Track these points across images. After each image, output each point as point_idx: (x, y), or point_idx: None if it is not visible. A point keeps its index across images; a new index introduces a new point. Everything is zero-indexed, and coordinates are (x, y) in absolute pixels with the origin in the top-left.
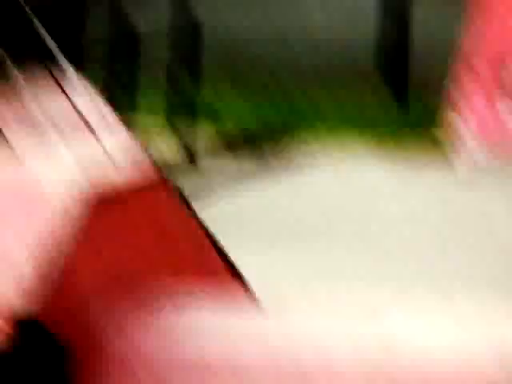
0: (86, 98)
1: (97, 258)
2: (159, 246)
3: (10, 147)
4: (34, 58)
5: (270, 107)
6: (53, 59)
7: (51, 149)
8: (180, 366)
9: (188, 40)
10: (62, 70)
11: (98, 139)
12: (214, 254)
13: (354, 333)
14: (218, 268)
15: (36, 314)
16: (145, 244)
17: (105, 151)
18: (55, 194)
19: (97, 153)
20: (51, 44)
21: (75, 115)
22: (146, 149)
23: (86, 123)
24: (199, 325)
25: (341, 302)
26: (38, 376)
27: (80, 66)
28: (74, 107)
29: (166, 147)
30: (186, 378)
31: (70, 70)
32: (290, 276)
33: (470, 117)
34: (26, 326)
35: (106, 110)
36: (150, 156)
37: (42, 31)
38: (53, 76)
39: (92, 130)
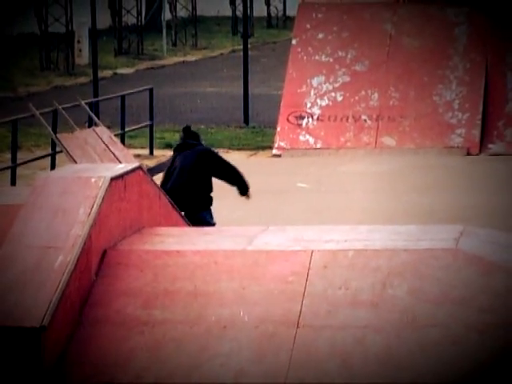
0: (107, 135)
1: (118, 214)
2: (147, 207)
3: (74, 161)
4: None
5: None
6: (93, 121)
7: (93, 160)
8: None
9: None
10: (96, 125)
11: (114, 154)
12: (172, 208)
13: None
14: (175, 216)
15: None
16: (141, 206)
17: (117, 159)
18: (96, 181)
19: (114, 161)
20: (92, 114)
21: (103, 144)
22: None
23: (108, 147)
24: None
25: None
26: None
27: None
28: (102, 141)
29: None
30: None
31: (101, 125)
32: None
33: None
34: None
35: (117, 140)
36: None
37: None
38: (92, 127)
39: (111, 150)
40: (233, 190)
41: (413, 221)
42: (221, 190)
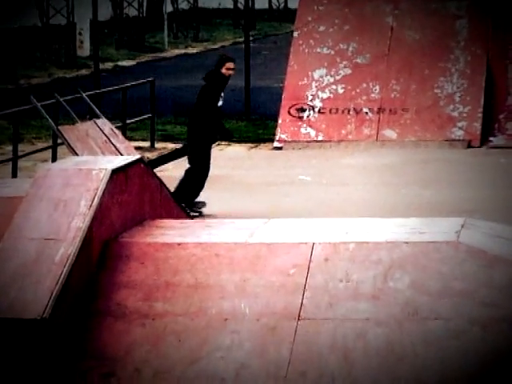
0: (108, 128)
1: (119, 206)
2: (149, 199)
3: (75, 153)
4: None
5: None
6: (94, 113)
7: (94, 152)
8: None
9: None
10: (98, 117)
11: (115, 147)
12: (172, 201)
13: None
14: (176, 209)
15: None
16: (142, 198)
17: (118, 151)
18: (97, 173)
19: (115, 153)
20: (94, 106)
21: (104, 136)
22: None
23: (109, 140)
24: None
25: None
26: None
27: None
28: (104, 133)
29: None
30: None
31: (102, 117)
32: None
33: None
34: None
35: (118, 132)
36: (136, 150)
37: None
38: (93, 120)
39: (112, 143)
40: (237, 183)
41: (414, 213)
42: (224, 182)
